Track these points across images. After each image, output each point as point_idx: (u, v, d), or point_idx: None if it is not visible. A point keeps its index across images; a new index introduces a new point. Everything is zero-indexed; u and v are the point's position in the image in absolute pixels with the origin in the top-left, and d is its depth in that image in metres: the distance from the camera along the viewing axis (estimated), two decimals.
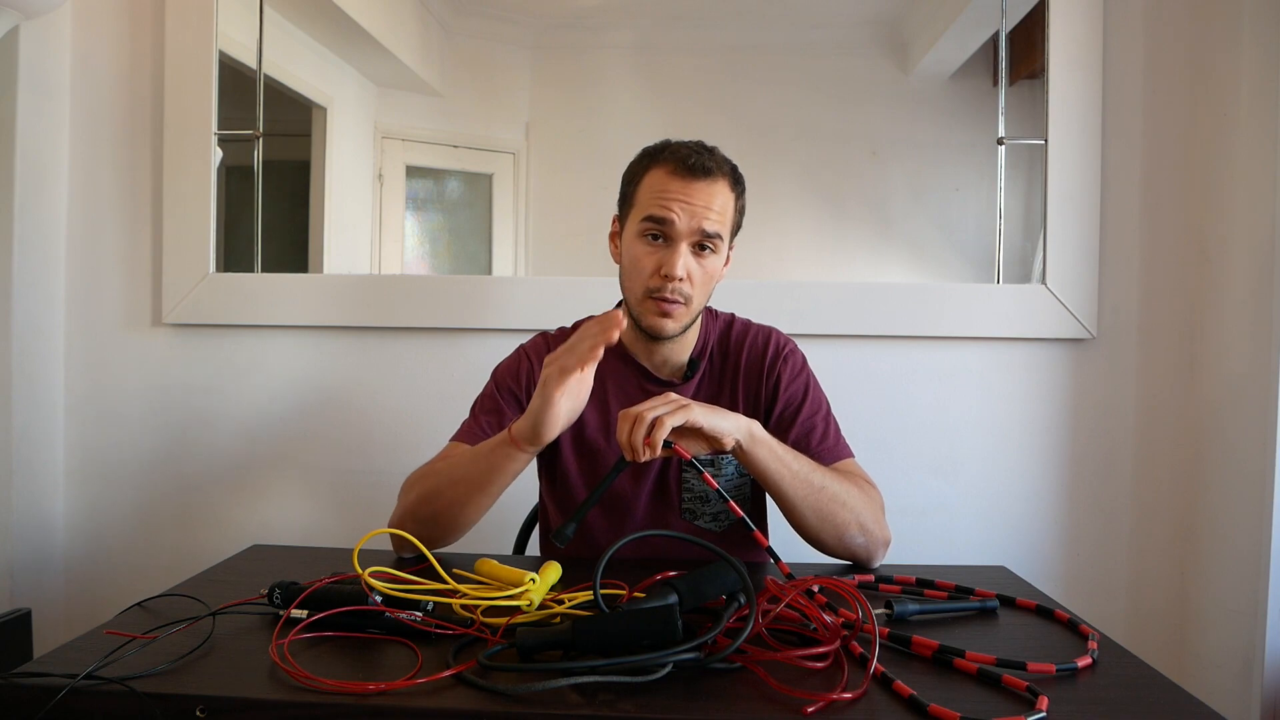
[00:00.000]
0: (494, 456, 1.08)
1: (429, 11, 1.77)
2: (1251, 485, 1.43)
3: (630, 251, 1.16)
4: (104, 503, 1.75)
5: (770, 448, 1.06)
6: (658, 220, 1.12)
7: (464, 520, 1.13)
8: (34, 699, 0.70)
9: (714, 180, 1.13)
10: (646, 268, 1.13)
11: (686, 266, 1.12)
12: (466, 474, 1.10)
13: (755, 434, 1.06)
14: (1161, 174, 1.64)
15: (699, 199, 1.11)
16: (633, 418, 0.98)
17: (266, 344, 1.74)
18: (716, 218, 1.12)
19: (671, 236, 1.12)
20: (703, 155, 1.13)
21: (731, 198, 1.16)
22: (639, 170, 1.17)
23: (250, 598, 0.93)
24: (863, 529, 1.11)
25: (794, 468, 1.08)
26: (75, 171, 1.73)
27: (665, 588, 0.83)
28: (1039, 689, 0.71)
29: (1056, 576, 1.67)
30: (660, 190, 1.12)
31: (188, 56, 1.70)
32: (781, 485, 1.07)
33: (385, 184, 1.78)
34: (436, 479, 1.13)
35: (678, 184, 1.12)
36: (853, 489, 1.12)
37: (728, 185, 1.15)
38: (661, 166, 1.14)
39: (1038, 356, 1.67)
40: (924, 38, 1.71)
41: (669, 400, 1.00)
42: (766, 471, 1.07)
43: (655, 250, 1.13)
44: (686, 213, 1.11)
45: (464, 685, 0.72)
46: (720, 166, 1.14)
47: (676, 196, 1.11)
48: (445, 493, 1.11)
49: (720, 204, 1.13)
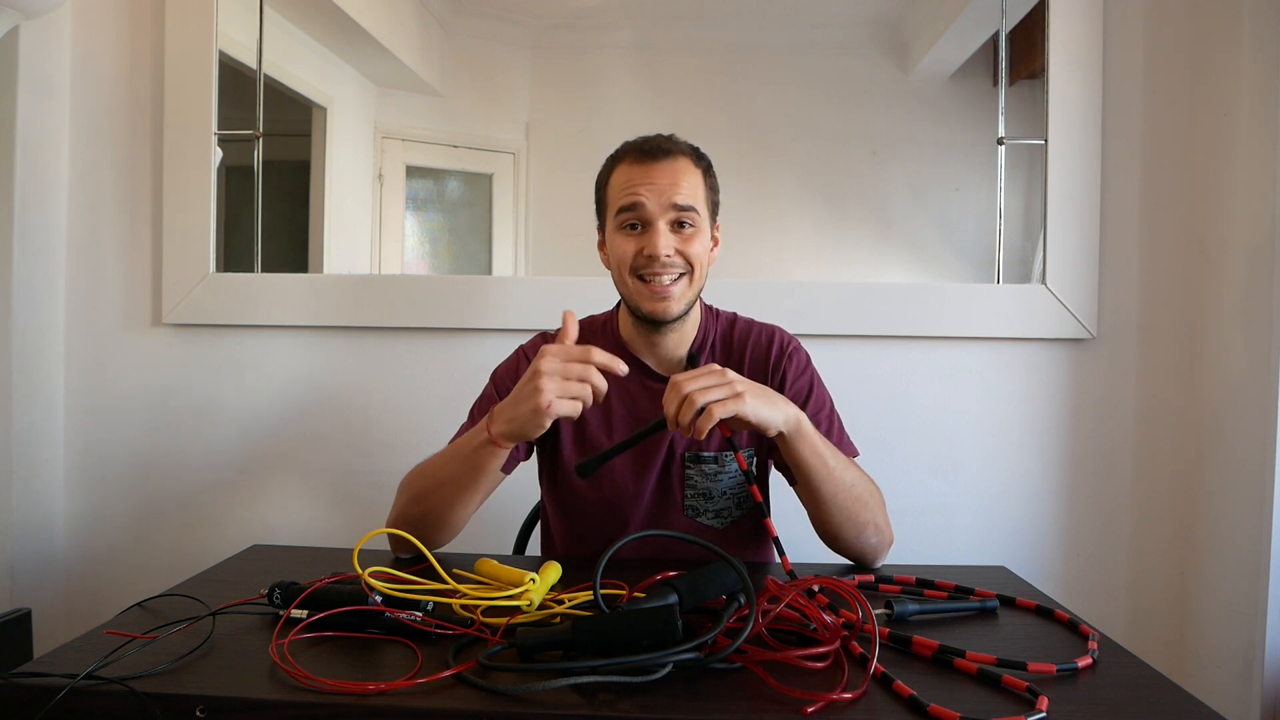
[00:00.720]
0: (477, 457, 1.08)
1: (429, 11, 1.77)
2: (1251, 485, 1.43)
3: (614, 248, 1.19)
4: (104, 503, 1.75)
5: (813, 441, 1.06)
6: (629, 208, 1.15)
7: (454, 521, 1.13)
8: (34, 699, 0.70)
9: (673, 159, 1.16)
10: (629, 252, 1.16)
11: (670, 244, 1.14)
12: (452, 475, 1.11)
13: (803, 427, 1.05)
14: (1161, 174, 1.64)
15: (663, 178, 1.14)
16: (683, 395, 0.97)
17: (266, 344, 1.73)
18: (686, 191, 1.15)
19: (647, 219, 1.15)
20: (659, 139, 1.18)
21: (697, 174, 1.18)
22: (604, 175, 1.22)
23: (250, 598, 0.93)
24: (878, 530, 1.12)
25: (831, 463, 1.08)
26: (75, 171, 1.73)
27: (665, 588, 0.83)
28: (1039, 689, 0.71)
29: (1056, 576, 1.67)
30: (625, 182, 1.16)
31: (188, 56, 1.70)
32: (817, 479, 1.07)
33: (385, 184, 1.78)
34: (424, 480, 1.14)
35: (639, 170, 1.16)
36: (873, 489, 1.14)
37: (690, 162, 1.18)
38: (622, 162, 1.19)
39: (1038, 356, 1.67)
40: (924, 38, 1.71)
41: (723, 381, 0.99)
42: (805, 464, 1.06)
43: (636, 238, 1.16)
44: (654, 193, 1.14)
45: (464, 685, 0.72)
46: (677, 146, 1.18)
47: (640, 181, 1.15)
48: (433, 494, 1.12)
49: (687, 180, 1.15)
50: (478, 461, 1.08)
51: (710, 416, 0.96)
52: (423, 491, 1.13)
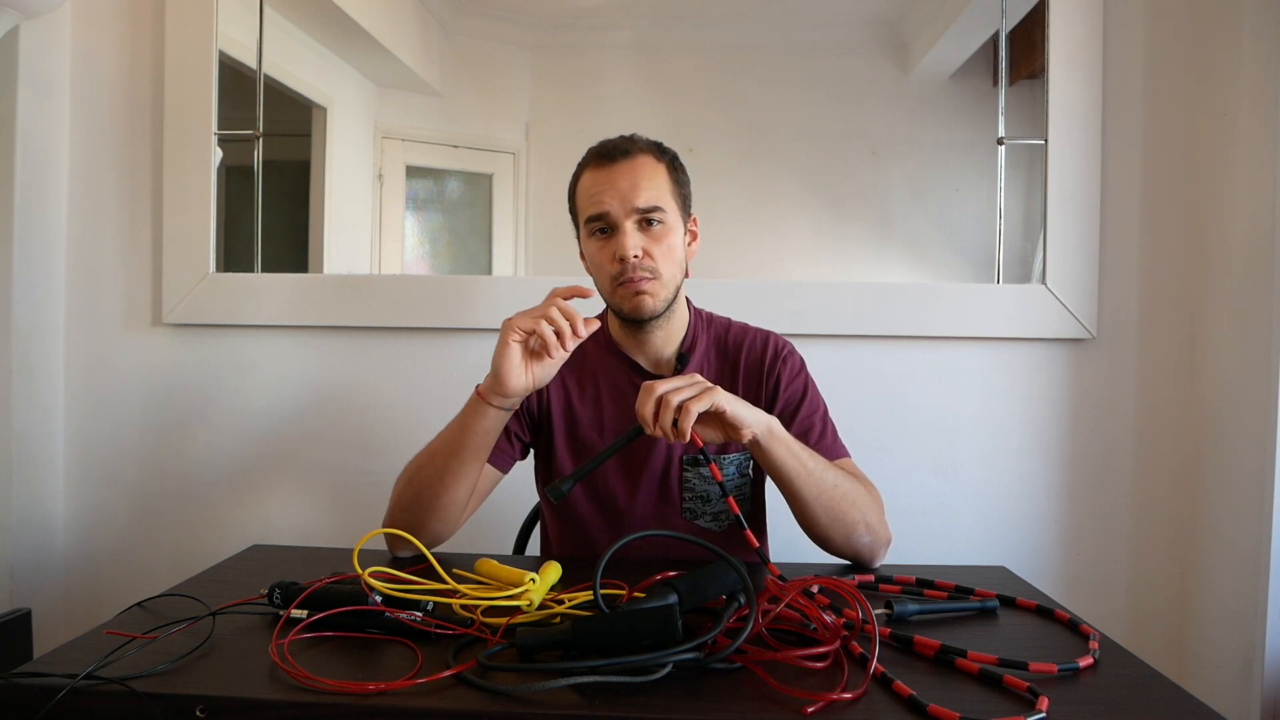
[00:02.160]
0: (464, 415, 1.12)
1: (429, 11, 1.77)
2: (1251, 485, 1.43)
3: (589, 255, 1.20)
4: (104, 503, 1.75)
5: (788, 445, 1.06)
6: (596, 217, 1.16)
7: (446, 497, 1.12)
8: (34, 699, 0.70)
9: (632, 158, 1.17)
10: (604, 260, 1.17)
11: (638, 244, 1.14)
12: (443, 442, 1.14)
13: (775, 430, 1.05)
14: (1161, 174, 1.64)
15: (623, 180, 1.15)
16: (657, 398, 0.98)
17: (266, 344, 1.73)
18: (647, 192, 1.15)
19: (613, 224, 1.16)
20: (619, 141, 1.19)
21: (660, 168, 1.18)
22: (572, 184, 1.23)
23: (250, 598, 0.93)
24: (869, 529, 1.11)
25: (809, 466, 1.08)
26: (75, 171, 1.73)
27: (665, 588, 0.83)
28: (1040, 689, 0.72)
29: (1056, 576, 1.67)
30: (590, 189, 1.18)
31: (188, 56, 1.70)
32: (796, 483, 1.07)
33: (385, 184, 1.78)
34: (416, 460, 1.17)
35: (601, 174, 1.17)
36: (860, 489, 1.13)
37: (651, 158, 1.18)
38: (586, 168, 1.20)
39: (1038, 356, 1.67)
40: (924, 38, 1.71)
41: (693, 381, 1.00)
42: (782, 468, 1.06)
43: (606, 242, 1.17)
44: (616, 196, 1.15)
45: (464, 685, 0.72)
46: (636, 144, 1.19)
47: (602, 186, 1.16)
48: (425, 468, 1.14)
49: (647, 178, 1.16)
50: (467, 421, 1.11)
51: (688, 413, 0.96)
52: (415, 469, 1.15)
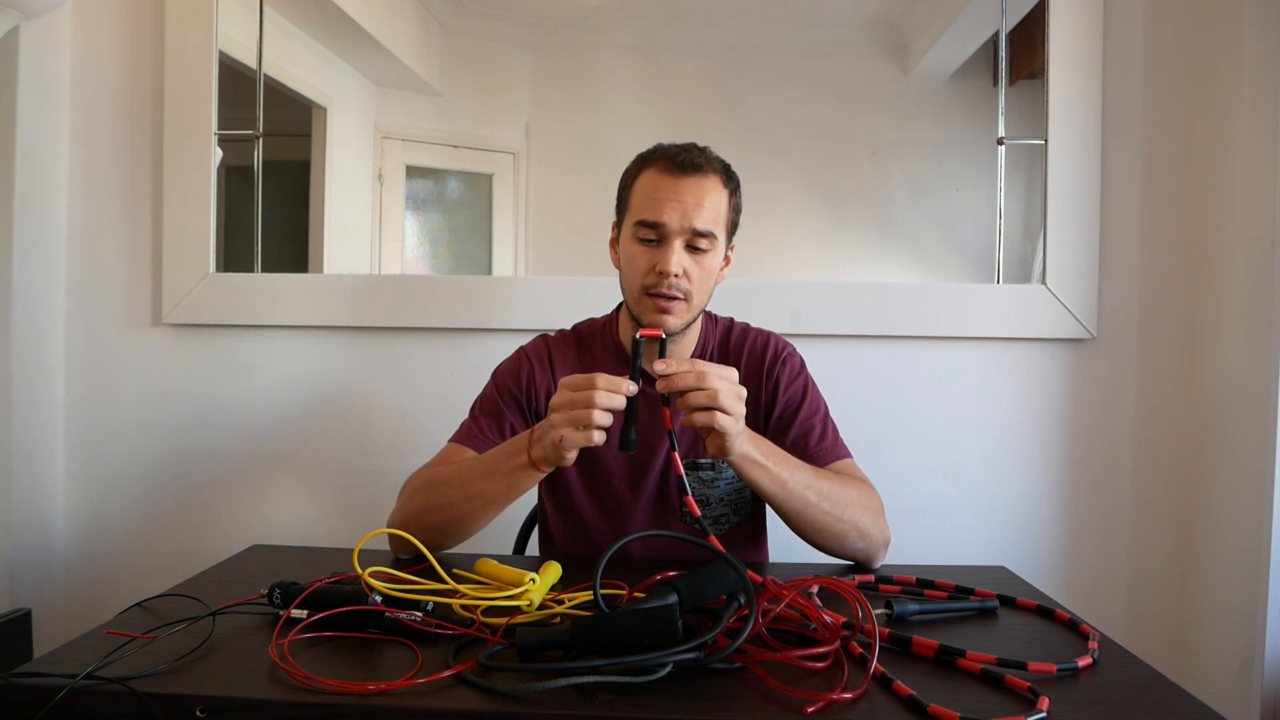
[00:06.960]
0: (514, 478, 1.06)
1: (429, 11, 1.77)
2: (1251, 485, 1.43)
3: (627, 253, 1.17)
4: (104, 503, 1.75)
5: (765, 469, 1.05)
6: (650, 224, 1.13)
7: (471, 531, 1.13)
8: (34, 699, 0.70)
9: (704, 176, 1.14)
10: (642, 266, 1.14)
11: (681, 263, 1.12)
12: (484, 490, 1.08)
13: (749, 454, 1.04)
14: (1161, 174, 1.64)
15: (689, 196, 1.12)
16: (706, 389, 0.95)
17: (266, 344, 1.73)
18: (708, 215, 1.13)
19: (664, 236, 1.13)
20: (692, 153, 1.15)
21: (724, 194, 1.16)
22: (632, 174, 1.19)
23: (250, 598, 0.93)
24: (861, 534, 1.11)
25: (789, 486, 1.07)
26: (75, 171, 1.73)
27: (665, 588, 0.83)
28: (1040, 689, 0.72)
29: (1056, 576, 1.67)
30: (651, 191, 1.14)
31: (188, 56, 1.70)
32: (775, 502, 1.09)
33: (385, 184, 1.78)
34: (448, 490, 1.11)
35: (668, 182, 1.13)
36: (851, 494, 1.12)
37: (719, 181, 1.15)
38: (652, 167, 1.16)
39: (1038, 356, 1.67)
40: (924, 38, 1.71)
41: (741, 400, 0.98)
42: (758, 489, 1.08)
43: (650, 250, 1.14)
44: (677, 212, 1.12)
45: (464, 685, 0.72)
46: (710, 163, 1.15)
47: (667, 196, 1.12)
48: (459, 505, 1.10)
49: (712, 201, 1.13)
50: (515, 482, 1.07)
51: (714, 419, 0.95)
52: (446, 501, 1.10)
